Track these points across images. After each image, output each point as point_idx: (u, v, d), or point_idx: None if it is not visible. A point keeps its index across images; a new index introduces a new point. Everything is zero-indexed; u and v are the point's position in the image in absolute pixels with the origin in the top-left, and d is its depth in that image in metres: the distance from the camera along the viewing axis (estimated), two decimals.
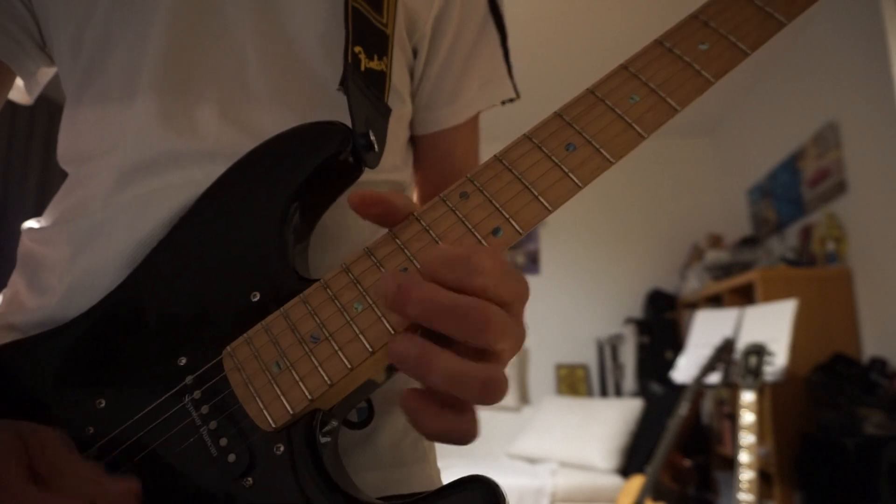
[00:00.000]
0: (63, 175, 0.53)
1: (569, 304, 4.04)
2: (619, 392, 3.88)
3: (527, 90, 0.69)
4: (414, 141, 0.61)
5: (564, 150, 0.37)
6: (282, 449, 0.35)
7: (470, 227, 0.36)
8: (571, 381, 3.99)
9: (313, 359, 0.35)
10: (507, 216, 0.36)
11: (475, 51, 0.60)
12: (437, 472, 0.54)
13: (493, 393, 0.31)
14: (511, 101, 0.64)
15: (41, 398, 0.40)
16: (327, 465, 0.35)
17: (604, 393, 3.94)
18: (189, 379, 0.38)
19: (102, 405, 0.38)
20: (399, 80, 0.55)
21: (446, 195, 0.38)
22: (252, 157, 0.43)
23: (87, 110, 0.51)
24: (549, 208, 0.36)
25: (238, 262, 0.41)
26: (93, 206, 0.47)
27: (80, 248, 0.46)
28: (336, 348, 0.35)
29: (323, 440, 0.36)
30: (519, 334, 0.33)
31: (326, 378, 0.35)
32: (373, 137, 0.44)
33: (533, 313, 3.91)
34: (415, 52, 0.57)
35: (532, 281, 4.02)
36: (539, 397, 3.85)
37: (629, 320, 3.91)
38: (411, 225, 0.37)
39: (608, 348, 3.96)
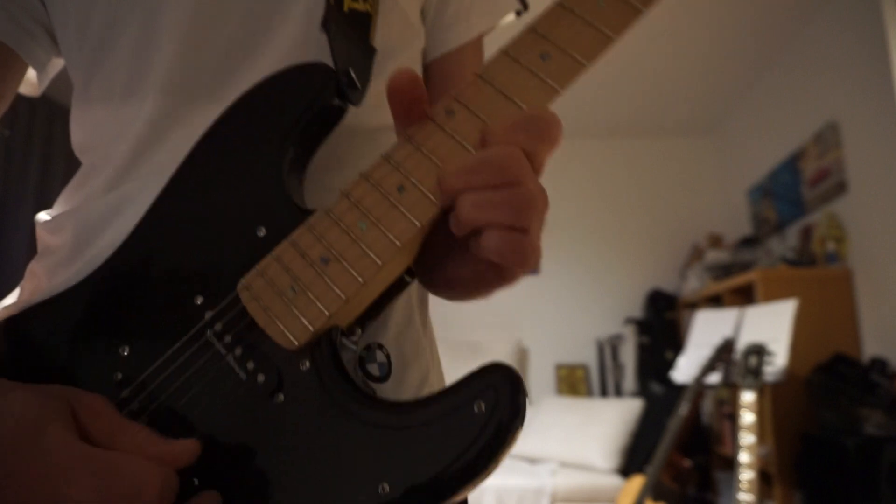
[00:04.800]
0: (64, 175, 0.54)
1: (569, 304, 4.04)
2: (619, 392, 3.88)
3: None
4: (424, 71, 0.61)
5: (540, 59, 0.39)
6: (307, 364, 0.37)
7: (459, 139, 0.38)
8: (571, 381, 3.99)
9: (326, 278, 0.37)
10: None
11: None
12: None
13: (514, 163, 0.34)
14: (521, 13, 0.64)
15: (65, 355, 0.42)
16: (352, 374, 0.37)
17: (604, 393, 3.93)
18: (208, 314, 0.40)
19: (127, 352, 0.40)
20: (407, 18, 0.55)
21: (432, 114, 0.39)
22: (241, 104, 0.45)
23: (95, 99, 0.51)
24: None
25: (241, 203, 0.43)
26: (106, 186, 0.48)
27: (98, 228, 0.47)
28: (347, 265, 0.37)
29: (348, 344, 0.38)
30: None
31: (340, 293, 0.36)
32: (353, 75, 0.45)
33: (533, 313, 3.92)
34: None
35: (532, 281, 3.99)
36: (539, 397, 3.85)
37: (629, 320, 3.90)
38: (403, 146, 0.39)
39: (608, 348, 3.96)
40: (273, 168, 0.43)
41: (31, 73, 0.56)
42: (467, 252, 0.38)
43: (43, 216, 0.53)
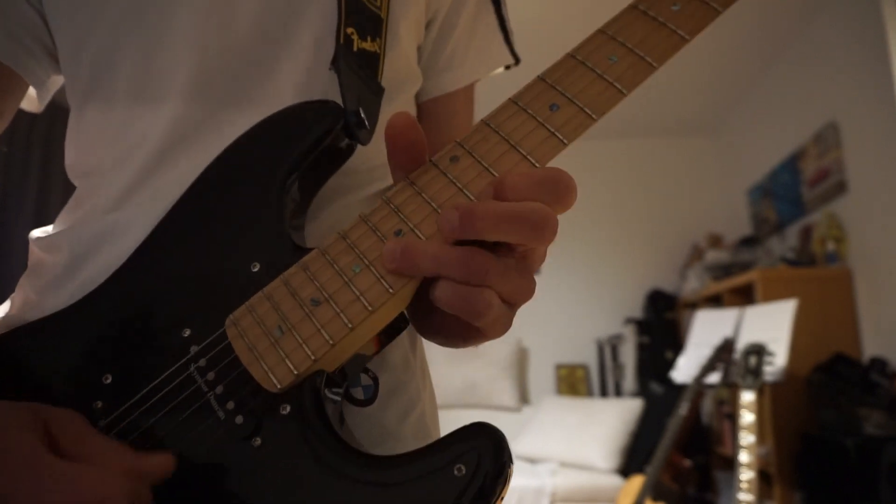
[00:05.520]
0: (64, 179, 0.53)
1: (569, 304, 4.04)
2: (619, 392, 3.88)
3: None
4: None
5: (548, 110, 0.39)
6: (288, 409, 0.36)
7: (461, 186, 0.37)
8: (571, 381, 3.99)
9: (314, 321, 0.36)
10: (497, 175, 0.37)
11: (472, 19, 0.61)
12: None
13: (550, 225, 0.34)
14: (513, 65, 0.65)
15: (48, 379, 0.41)
16: (333, 423, 0.36)
17: (604, 393, 3.93)
18: (193, 348, 0.39)
19: (109, 380, 0.39)
20: (407, 61, 0.55)
21: (437, 159, 0.39)
22: (247, 138, 0.45)
23: (93, 121, 0.50)
24: (538, 165, 0.37)
25: (237, 237, 0.42)
26: (104, 210, 0.48)
27: (94, 248, 0.47)
28: (337, 310, 0.36)
29: (329, 399, 0.37)
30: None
31: (328, 338, 0.36)
32: (363, 115, 0.45)
33: (533, 313, 3.92)
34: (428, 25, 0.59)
35: None
36: (539, 397, 3.85)
37: (629, 320, 3.90)
38: (404, 189, 0.39)
39: (608, 348, 3.96)
40: (274, 204, 0.42)
41: (32, 90, 0.56)
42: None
43: (37, 233, 0.52)
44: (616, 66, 0.39)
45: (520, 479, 2.87)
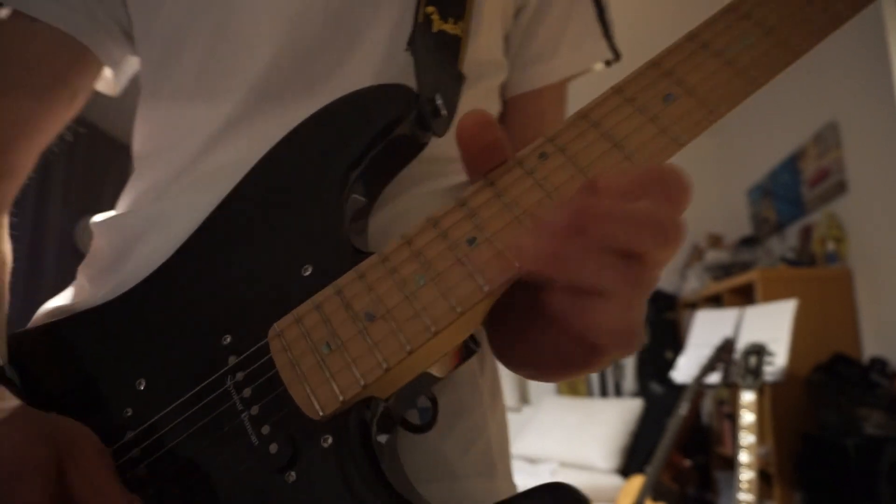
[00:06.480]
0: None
1: None
2: (619, 392, 3.88)
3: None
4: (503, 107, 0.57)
5: (662, 102, 0.32)
6: (329, 441, 0.31)
7: (548, 191, 0.31)
8: (571, 381, 3.99)
9: (368, 338, 0.31)
10: None
11: (566, 8, 0.56)
12: (511, 485, 0.49)
13: (675, 225, 0.28)
14: (613, 61, 0.59)
15: (86, 374, 0.39)
16: (383, 464, 0.31)
17: (604, 393, 3.93)
18: (232, 359, 0.35)
19: (142, 387, 0.37)
20: (489, 48, 0.51)
21: (522, 157, 0.33)
22: (306, 127, 0.40)
23: (160, 109, 0.48)
24: None
25: (289, 235, 0.37)
26: (151, 196, 0.47)
27: (138, 237, 0.45)
28: (394, 327, 0.31)
29: (380, 437, 0.32)
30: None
31: (382, 360, 0.30)
32: (440, 102, 0.40)
33: None
34: (517, 13, 0.54)
35: None
36: (539, 397, 3.85)
37: None
38: (482, 191, 0.33)
39: None
40: (333, 199, 0.37)
41: (108, 71, 0.54)
42: (553, 325, 0.31)
43: (97, 217, 0.51)
44: (749, 50, 0.31)
45: (519, 479, 2.86)
